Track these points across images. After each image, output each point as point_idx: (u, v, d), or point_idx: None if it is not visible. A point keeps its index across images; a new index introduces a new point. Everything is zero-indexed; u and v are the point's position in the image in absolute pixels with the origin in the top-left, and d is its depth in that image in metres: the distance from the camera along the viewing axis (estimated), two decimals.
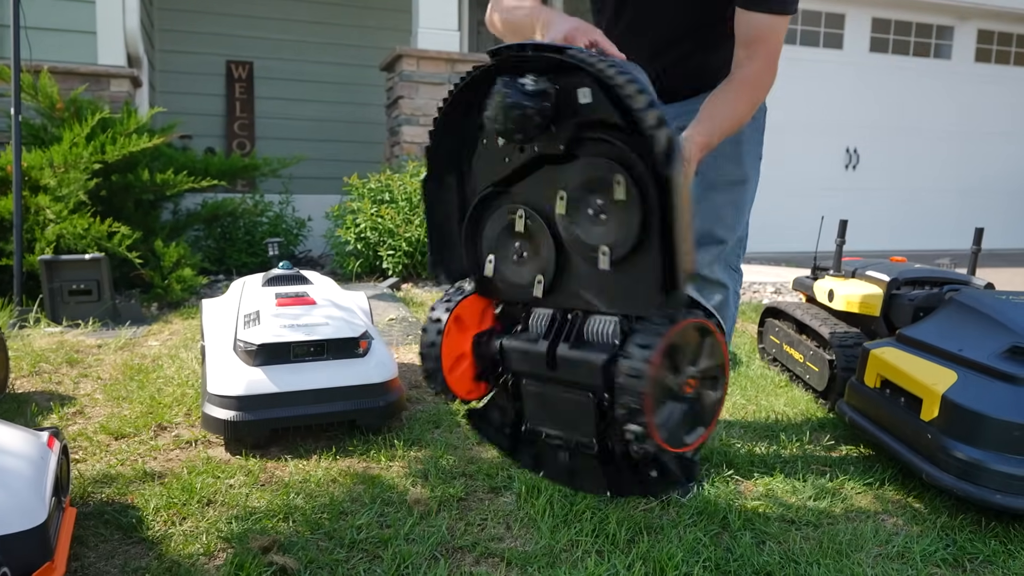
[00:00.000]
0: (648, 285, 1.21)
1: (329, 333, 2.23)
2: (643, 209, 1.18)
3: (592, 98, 1.18)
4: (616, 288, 1.25)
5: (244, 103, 7.63)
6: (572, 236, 1.25)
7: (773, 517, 1.83)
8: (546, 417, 1.37)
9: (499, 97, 1.18)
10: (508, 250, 1.35)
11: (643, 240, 1.19)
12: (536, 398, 1.36)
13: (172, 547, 1.61)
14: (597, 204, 1.22)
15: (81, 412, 2.40)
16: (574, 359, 1.27)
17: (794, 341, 2.88)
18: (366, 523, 1.73)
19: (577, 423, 1.31)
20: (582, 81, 1.17)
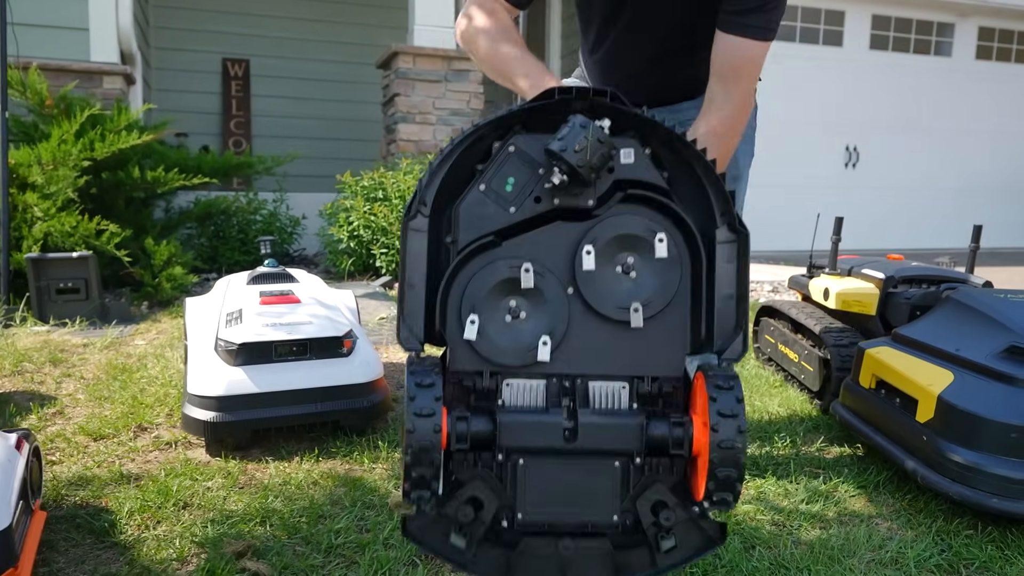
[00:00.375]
0: (677, 345, 1.24)
1: (312, 332, 2.18)
2: (681, 267, 1.24)
3: (635, 159, 1.23)
4: (640, 348, 1.24)
5: (240, 101, 7.58)
6: (597, 292, 1.23)
7: (763, 521, 1.78)
8: (554, 500, 1.21)
9: (589, 131, 1.17)
10: (499, 309, 1.24)
11: (676, 297, 1.24)
12: (541, 479, 1.21)
13: (144, 552, 1.57)
14: (629, 262, 1.23)
15: (61, 412, 2.35)
16: (604, 424, 1.20)
17: (789, 340, 2.83)
18: (345, 527, 1.68)
19: (595, 499, 1.21)
20: (624, 141, 1.22)
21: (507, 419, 1.22)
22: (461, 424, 1.21)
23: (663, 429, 1.20)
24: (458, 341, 1.23)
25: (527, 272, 1.22)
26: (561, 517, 1.23)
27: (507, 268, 1.24)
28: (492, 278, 1.24)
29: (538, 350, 1.22)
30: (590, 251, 1.23)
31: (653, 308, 1.23)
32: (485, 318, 1.23)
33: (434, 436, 1.14)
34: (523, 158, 1.25)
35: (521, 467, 1.23)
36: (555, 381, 1.25)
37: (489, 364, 1.24)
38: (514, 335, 1.23)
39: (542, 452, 1.22)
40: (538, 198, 1.24)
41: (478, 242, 1.24)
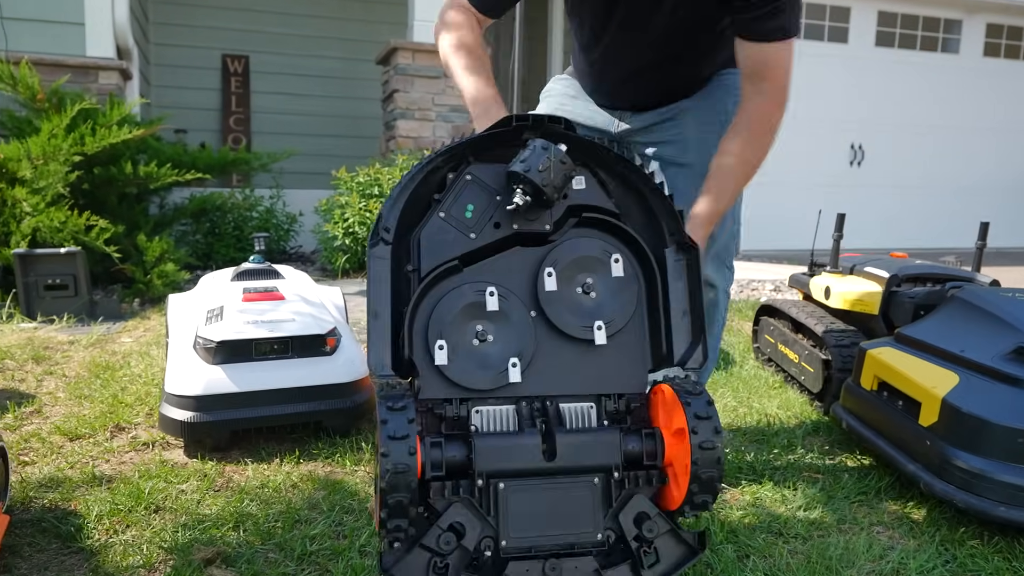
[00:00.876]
0: (638, 361, 1.31)
1: (294, 330, 2.12)
2: (638, 285, 1.33)
3: (586, 185, 1.32)
4: (604, 367, 1.29)
5: (240, 97, 7.52)
6: (560, 312, 1.28)
7: (759, 529, 1.70)
8: (537, 523, 1.21)
9: (551, 152, 1.23)
10: (466, 334, 1.26)
11: (634, 315, 1.32)
12: (523, 502, 1.21)
13: (110, 558, 1.50)
14: (588, 282, 1.29)
15: (39, 411, 2.29)
16: (582, 442, 1.23)
17: (789, 340, 2.75)
18: (321, 533, 1.61)
19: (578, 518, 1.22)
20: (576, 169, 1.29)
21: (483, 443, 1.21)
22: (435, 451, 1.20)
23: (636, 442, 1.25)
24: (427, 368, 1.24)
25: (491, 296, 1.26)
26: (546, 540, 1.21)
27: (472, 292, 1.27)
28: (458, 303, 1.26)
29: (508, 372, 1.25)
30: (551, 272, 1.28)
31: (614, 326, 1.29)
32: (453, 343, 1.24)
33: (409, 459, 1.12)
34: (480, 185, 1.30)
35: (502, 491, 1.21)
36: (525, 404, 1.27)
37: (459, 390, 1.25)
38: (483, 359, 1.25)
39: (521, 475, 1.21)
40: (497, 223, 1.29)
41: (442, 267, 1.26)
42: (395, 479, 1.11)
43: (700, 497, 1.20)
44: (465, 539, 1.20)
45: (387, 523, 1.15)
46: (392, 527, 1.15)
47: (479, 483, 1.21)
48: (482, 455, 1.21)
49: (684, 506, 1.21)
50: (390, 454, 1.11)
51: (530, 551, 1.20)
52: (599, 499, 1.22)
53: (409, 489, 1.12)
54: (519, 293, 1.30)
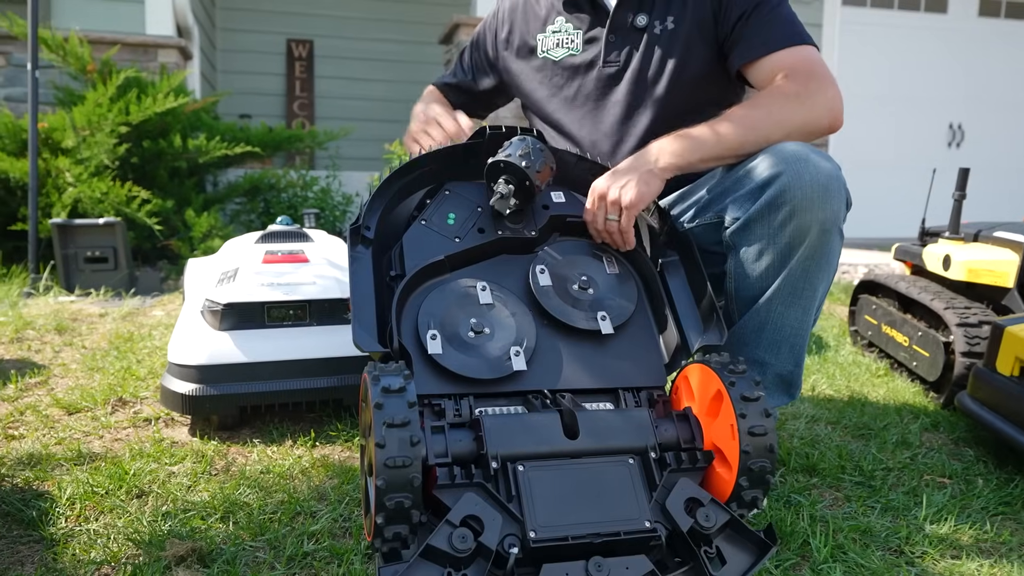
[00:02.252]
0: (654, 355, 1.26)
1: (314, 293, 1.84)
2: (635, 280, 1.33)
3: (565, 198, 1.38)
4: (618, 362, 1.23)
5: (304, 82, 7.43)
6: (559, 305, 1.25)
7: (874, 545, 1.33)
8: (570, 507, 1.02)
9: (528, 143, 1.27)
10: (460, 326, 1.20)
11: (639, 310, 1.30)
12: (550, 483, 1.03)
13: (69, 550, 1.25)
14: (584, 278, 1.28)
15: (45, 383, 2.09)
16: (610, 421, 1.10)
17: (896, 321, 2.34)
18: (323, 529, 1.32)
19: (618, 500, 1.04)
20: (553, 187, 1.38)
21: (494, 423, 1.06)
22: (438, 437, 1.05)
23: (669, 427, 1.14)
24: (420, 360, 1.15)
25: (484, 290, 1.23)
26: (583, 528, 0.99)
27: (461, 287, 1.23)
28: (448, 296, 1.22)
29: (511, 361, 1.16)
30: (543, 270, 1.28)
31: (619, 317, 1.26)
32: (447, 336, 1.18)
33: (411, 450, 0.94)
34: (460, 198, 1.33)
35: (523, 473, 1.02)
36: (536, 400, 1.15)
37: (458, 384, 1.15)
38: (481, 349, 1.18)
39: (541, 458, 1.05)
40: (481, 229, 1.30)
41: (427, 265, 1.23)
42: (394, 476, 0.93)
43: (750, 493, 1.07)
44: (484, 536, 0.95)
45: (384, 530, 0.93)
46: (391, 535, 0.94)
47: (493, 465, 1.00)
48: (494, 435, 1.04)
49: (731, 503, 1.08)
50: (387, 444, 0.93)
51: (566, 542, 0.98)
52: (639, 481, 1.06)
53: (412, 487, 0.93)
54: (515, 290, 1.26)
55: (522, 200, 1.28)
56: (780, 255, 1.31)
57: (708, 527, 1.03)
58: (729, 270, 1.40)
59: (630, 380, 1.22)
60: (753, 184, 1.32)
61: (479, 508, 0.98)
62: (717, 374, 1.12)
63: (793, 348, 1.41)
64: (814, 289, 1.35)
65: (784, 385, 1.45)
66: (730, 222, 1.36)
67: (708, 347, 1.25)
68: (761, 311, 1.37)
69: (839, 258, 1.37)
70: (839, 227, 1.32)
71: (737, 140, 1.34)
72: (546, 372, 1.20)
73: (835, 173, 1.29)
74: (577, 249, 1.34)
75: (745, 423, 1.06)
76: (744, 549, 1.06)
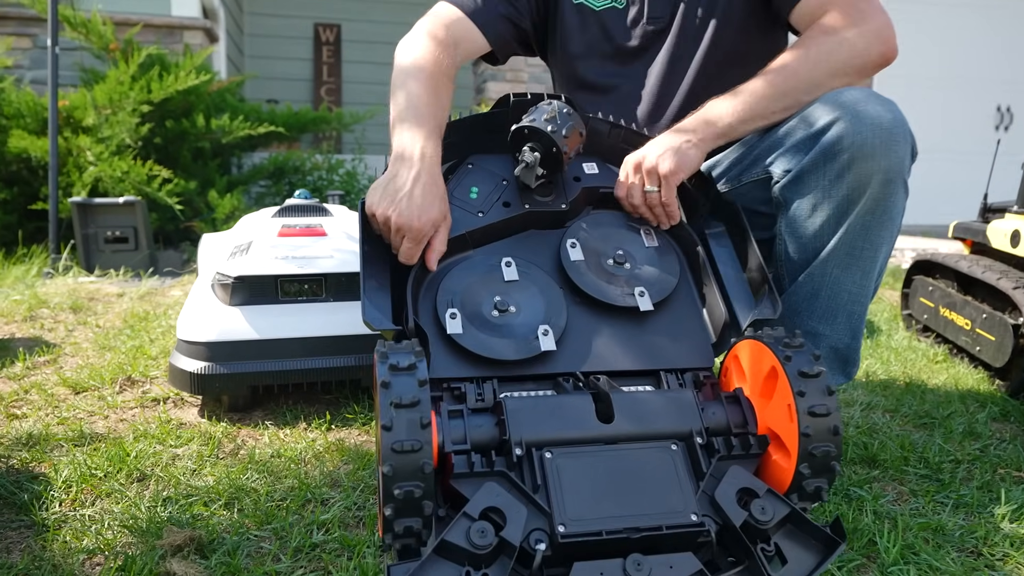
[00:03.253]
0: (700, 333, 1.14)
1: (330, 267, 1.73)
2: (676, 254, 1.21)
3: (598, 170, 1.27)
4: (660, 341, 1.11)
5: (332, 67, 7.36)
6: (592, 281, 1.14)
7: (948, 544, 1.18)
8: (604, 498, 0.89)
9: (555, 106, 1.16)
10: (482, 304, 1.09)
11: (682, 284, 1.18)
12: (581, 472, 0.91)
13: (60, 536, 1.15)
14: (619, 253, 1.17)
15: (54, 361, 2.00)
16: (649, 403, 0.98)
17: (956, 303, 2.16)
18: (333, 518, 1.21)
19: (659, 491, 0.91)
20: (584, 157, 1.27)
21: (517, 405, 0.95)
22: (455, 422, 0.94)
23: (717, 410, 1.01)
24: (438, 341, 1.05)
25: (508, 266, 1.13)
26: (619, 523, 0.87)
27: (484, 263, 1.14)
28: (469, 273, 1.12)
29: (539, 340, 1.05)
30: (575, 244, 1.17)
31: (659, 292, 1.14)
32: (468, 315, 1.07)
33: (421, 433, 0.83)
34: (484, 172, 1.24)
35: (550, 461, 0.90)
36: (568, 384, 1.04)
37: (480, 366, 1.04)
38: (505, 329, 1.07)
39: (570, 443, 0.93)
40: (507, 203, 1.20)
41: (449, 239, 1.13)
42: (403, 462, 0.82)
43: (813, 482, 0.94)
44: (507, 530, 0.84)
45: (394, 524, 0.82)
46: (401, 530, 0.82)
47: (517, 452, 0.90)
48: (517, 418, 0.93)
49: (790, 494, 0.95)
50: (394, 427, 0.83)
51: (600, 537, 0.85)
52: (683, 469, 0.93)
53: (422, 475, 0.82)
54: (544, 267, 1.16)
55: (550, 170, 1.17)
56: (837, 210, 1.17)
57: (765, 521, 0.90)
58: (779, 231, 1.26)
59: (673, 361, 1.10)
60: (806, 133, 1.17)
61: (501, 499, 0.86)
62: (771, 349, 0.98)
63: (850, 317, 1.26)
64: (875, 249, 1.20)
65: (839, 361, 1.30)
66: (780, 175, 1.21)
67: (760, 322, 1.11)
68: (815, 275, 1.23)
69: (903, 216, 1.22)
70: (904, 178, 1.16)
71: (781, 90, 1.19)
72: (578, 353, 1.08)
73: (899, 117, 1.14)
74: (612, 221, 1.23)
75: (804, 402, 0.93)
76: (807, 547, 0.92)
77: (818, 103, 1.17)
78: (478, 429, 0.94)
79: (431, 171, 1.13)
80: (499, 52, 1.46)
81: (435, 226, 1.10)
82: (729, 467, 0.95)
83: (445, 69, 1.31)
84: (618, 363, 1.09)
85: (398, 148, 1.16)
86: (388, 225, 1.10)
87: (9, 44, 4.06)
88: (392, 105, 1.25)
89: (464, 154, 1.27)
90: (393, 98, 1.25)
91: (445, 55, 1.32)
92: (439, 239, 1.11)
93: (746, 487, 0.93)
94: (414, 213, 1.08)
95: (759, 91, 1.19)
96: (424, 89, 1.23)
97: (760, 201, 1.28)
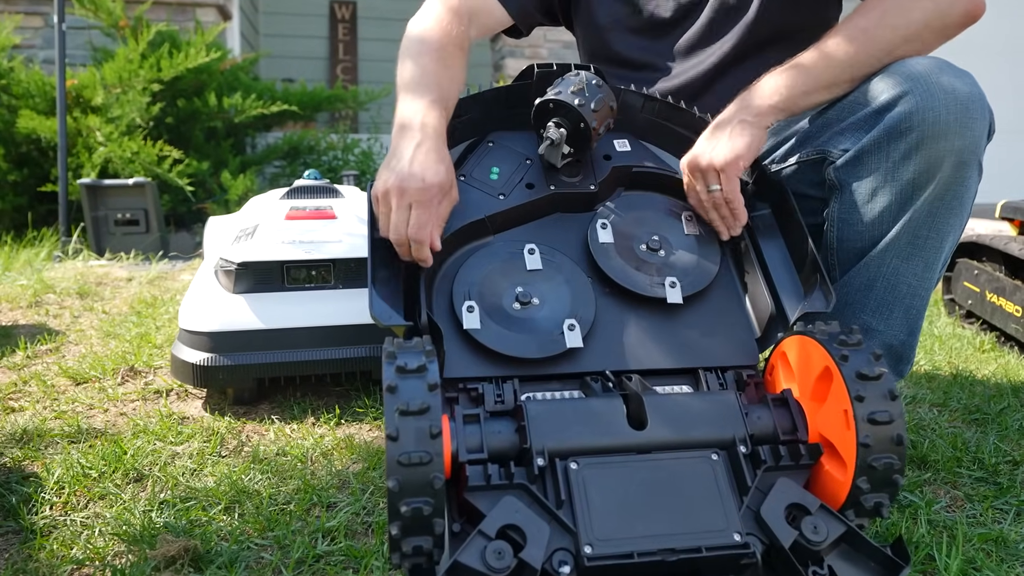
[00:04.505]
0: (743, 329, 1.04)
1: (340, 252, 1.63)
2: (719, 242, 1.10)
3: (631, 147, 1.17)
4: (699, 337, 1.02)
5: (347, 45, 7.26)
6: (620, 267, 1.05)
7: (1013, 558, 1.08)
8: (636, 516, 0.80)
9: (582, 77, 1.06)
10: (503, 297, 1.00)
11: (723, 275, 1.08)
12: (611, 486, 0.82)
13: (47, 545, 1.07)
14: (654, 239, 1.07)
15: (57, 350, 1.93)
16: (687, 406, 0.89)
17: (1006, 288, 2.03)
18: (340, 525, 1.12)
19: (698, 508, 0.81)
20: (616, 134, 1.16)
21: (539, 409, 0.86)
22: (472, 428, 0.85)
23: (763, 414, 0.91)
24: (454, 338, 0.97)
25: (531, 254, 1.04)
26: (653, 544, 0.79)
27: (505, 250, 1.05)
28: (489, 261, 1.03)
29: (564, 337, 0.96)
30: (605, 225, 1.08)
31: (695, 283, 1.05)
32: (486, 308, 0.99)
33: (431, 444, 0.75)
34: (506, 150, 1.15)
35: (576, 473, 0.81)
36: (596, 384, 0.95)
37: (499, 365, 0.95)
38: (528, 323, 0.98)
39: (599, 453, 0.84)
40: (531, 184, 1.10)
41: (465, 227, 1.04)
42: (410, 476, 0.73)
43: (872, 498, 0.84)
44: (527, 551, 0.76)
45: (401, 544, 0.73)
46: (410, 549, 0.74)
47: (539, 462, 0.81)
48: (539, 425, 0.84)
49: (846, 511, 0.85)
50: (400, 437, 0.74)
51: (631, 560, 0.77)
52: (725, 481, 0.84)
53: (431, 491, 0.74)
54: (570, 254, 1.06)
55: (577, 147, 1.07)
56: (901, 194, 1.05)
57: (817, 541, 0.81)
58: (831, 216, 1.14)
59: (713, 358, 1.01)
60: (869, 108, 1.05)
61: (520, 516, 0.77)
62: (824, 347, 0.88)
63: (908, 312, 1.14)
64: (941, 238, 1.08)
65: (892, 359, 1.18)
66: (837, 155, 1.09)
67: (810, 315, 1.00)
68: (872, 265, 1.11)
69: (974, 201, 1.10)
70: (979, 160, 1.04)
71: (848, 56, 1.06)
72: (608, 350, 0.99)
73: (977, 92, 1.01)
74: (649, 204, 1.13)
75: (863, 408, 0.83)
76: (865, 569, 0.83)
77: (882, 74, 1.04)
78: (496, 436, 0.84)
79: (434, 139, 1.02)
80: (521, 23, 1.34)
81: (443, 190, 0.99)
82: (777, 479, 0.86)
83: (456, 40, 1.20)
84: (652, 361, 0.99)
85: (399, 121, 1.06)
86: (389, 199, 0.99)
87: (17, 22, 3.98)
88: (397, 77, 1.14)
89: (484, 131, 1.17)
90: (399, 70, 1.15)
91: (457, 25, 1.21)
92: (440, 214, 1.00)
93: (796, 502, 0.84)
94: (416, 175, 0.97)
95: (822, 58, 1.06)
96: (431, 59, 1.13)
97: (810, 184, 1.17)
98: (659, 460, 0.84)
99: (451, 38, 1.19)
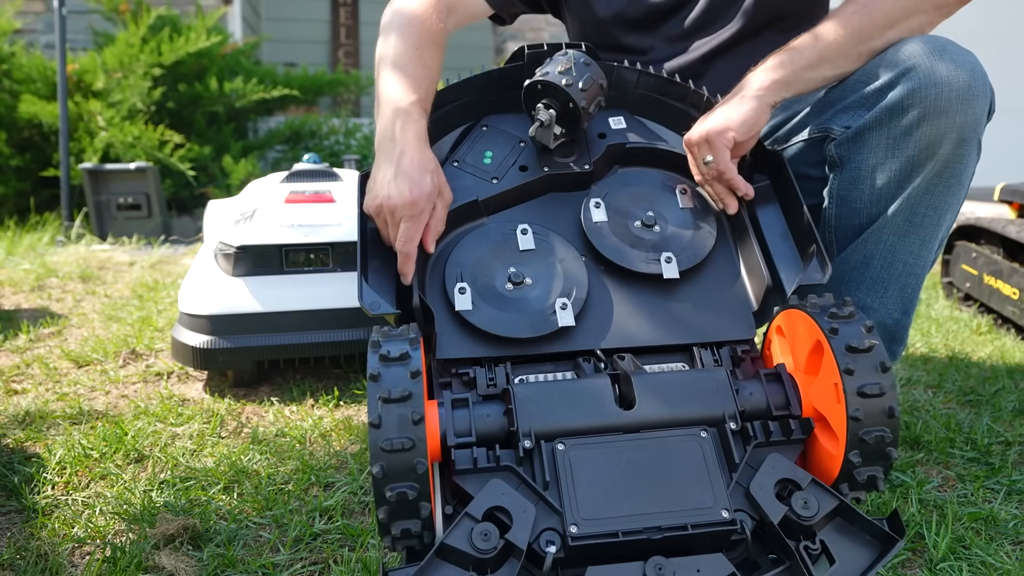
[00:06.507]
0: (740, 303, 1.04)
1: (338, 235, 1.64)
2: (715, 216, 1.09)
3: (625, 124, 1.16)
4: (694, 312, 1.02)
5: (349, 29, 7.22)
6: (614, 244, 1.04)
7: (1002, 538, 1.09)
8: (623, 495, 0.81)
9: (570, 56, 1.06)
10: (495, 277, 1.01)
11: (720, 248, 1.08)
12: (598, 466, 0.83)
13: (48, 524, 1.09)
14: (649, 215, 1.07)
15: (59, 333, 1.95)
16: (676, 384, 0.89)
17: (1003, 270, 2.03)
18: (337, 504, 1.14)
19: (686, 486, 0.82)
20: (610, 111, 1.17)
21: (526, 392, 0.87)
22: (460, 412, 0.86)
23: (755, 389, 0.91)
24: (445, 319, 0.97)
25: (524, 234, 1.04)
26: (639, 523, 0.79)
27: (498, 231, 1.05)
28: (481, 242, 1.03)
29: (556, 316, 0.97)
30: (599, 203, 1.08)
31: (691, 258, 1.04)
32: (478, 289, 0.99)
33: (413, 430, 0.76)
34: (498, 134, 1.15)
35: (562, 453, 0.82)
36: (589, 363, 0.96)
37: (491, 346, 0.96)
38: (520, 303, 0.99)
39: (587, 433, 0.85)
40: (524, 167, 1.10)
41: (458, 208, 1.05)
42: (393, 461, 0.75)
43: (865, 471, 0.84)
44: (513, 532, 0.77)
45: (390, 527, 0.75)
46: (399, 532, 0.76)
47: (526, 444, 0.82)
48: (526, 407, 0.84)
49: (839, 485, 0.85)
50: (383, 424, 0.76)
51: (616, 539, 0.77)
52: (714, 459, 0.84)
53: (415, 475, 0.75)
54: (563, 233, 1.07)
55: (569, 128, 1.06)
56: (901, 171, 1.05)
57: (808, 516, 0.81)
58: (830, 193, 1.14)
59: (708, 333, 0.99)
60: (872, 87, 1.05)
61: (507, 498, 0.78)
62: (815, 319, 0.88)
63: (903, 291, 1.14)
64: (939, 215, 1.08)
65: (886, 338, 1.19)
66: (838, 132, 1.09)
67: (807, 288, 1.00)
68: (868, 242, 1.11)
69: (972, 181, 1.10)
70: (979, 138, 1.04)
71: (848, 28, 1.04)
72: (600, 328, 0.98)
73: (979, 69, 1.01)
74: (644, 180, 1.12)
75: (853, 381, 0.83)
76: (860, 543, 0.83)
77: (886, 54, 1.04)
78: (484, 420, 0.85)
79: (414, 146, 1.01)
80: (502, 12, 1.34)
81: (431, 199, 0.99)
82: (767, 455, 0.86)
83: (433, 33, 1.18)
84: (645, 338, 0.99)
85: (378, 134, 1.06)
86: (382, 215, 1.00)
87: (19, 7, 3.98)
88: (378, 53, 1.15)
89: (479, 115, 1.17)
90: (380, 44, 1.16)
91: (435, 17, 1.20)
92: (436, 218, 1.00)
93: (787, 478, 0.84)
94: (404, 189, 0.97)
95: (824, 32, 1.05)
96: (410, 57, 1.12)
97: (810, 163, 1.17)
98: (647, 439, 0.85)
99: (431, 35, 1.18)
